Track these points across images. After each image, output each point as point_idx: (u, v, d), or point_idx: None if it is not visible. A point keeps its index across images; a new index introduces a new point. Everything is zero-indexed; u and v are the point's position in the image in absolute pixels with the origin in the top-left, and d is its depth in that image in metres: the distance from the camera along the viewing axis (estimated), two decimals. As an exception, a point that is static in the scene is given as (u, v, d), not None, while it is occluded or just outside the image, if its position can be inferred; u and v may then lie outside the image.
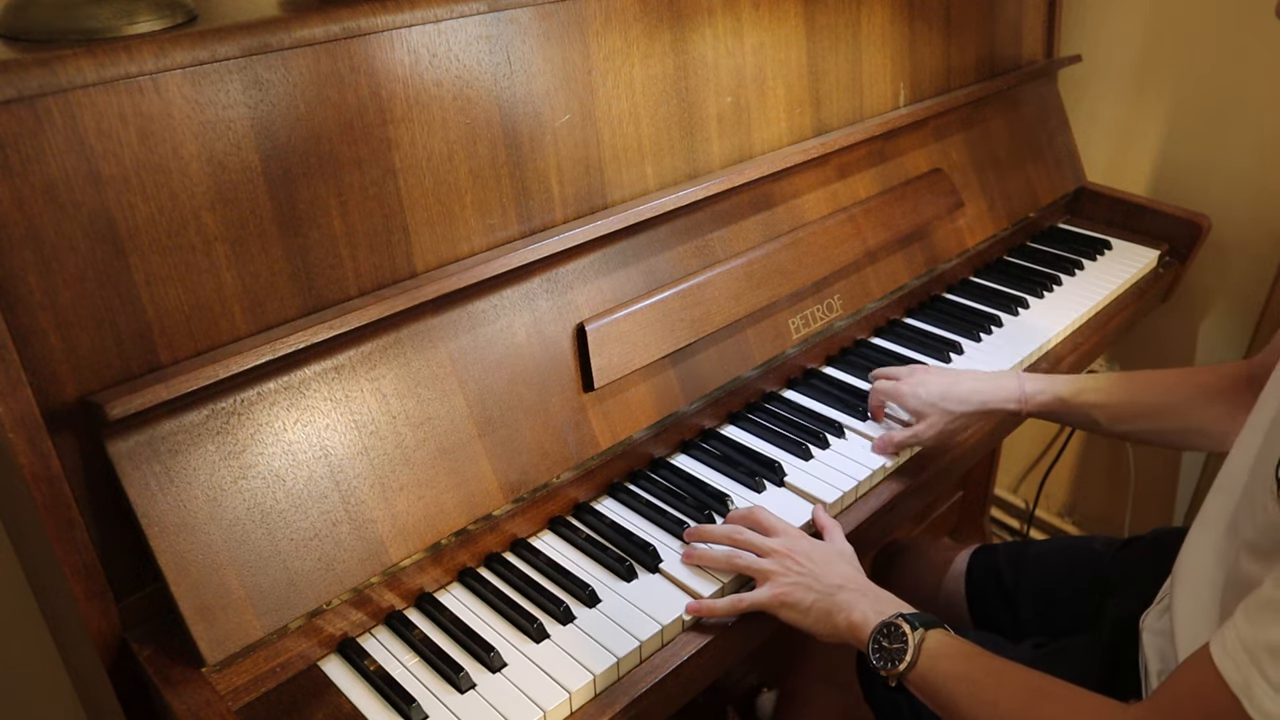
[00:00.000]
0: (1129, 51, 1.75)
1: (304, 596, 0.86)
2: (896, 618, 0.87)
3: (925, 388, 1.15)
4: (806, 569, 0.95)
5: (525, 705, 0.85)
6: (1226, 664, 0.63)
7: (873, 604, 0.91)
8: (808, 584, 0.94)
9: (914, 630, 0.85)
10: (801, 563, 0.96)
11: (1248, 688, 0.62)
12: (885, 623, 0.88)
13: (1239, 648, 0.63)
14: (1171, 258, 1.68)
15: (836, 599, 0.92)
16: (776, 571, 0.95)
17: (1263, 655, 0.61)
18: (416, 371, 0.95)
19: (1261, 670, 0.61)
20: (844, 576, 0.95)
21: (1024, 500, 2.22)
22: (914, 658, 0.85)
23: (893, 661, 0.86)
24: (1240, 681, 0.62)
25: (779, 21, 1.25)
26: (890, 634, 0.87)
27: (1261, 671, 0.61)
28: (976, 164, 1.57)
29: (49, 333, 0.77)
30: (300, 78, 0.85)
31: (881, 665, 0.87)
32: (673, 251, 1.16)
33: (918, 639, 0.85)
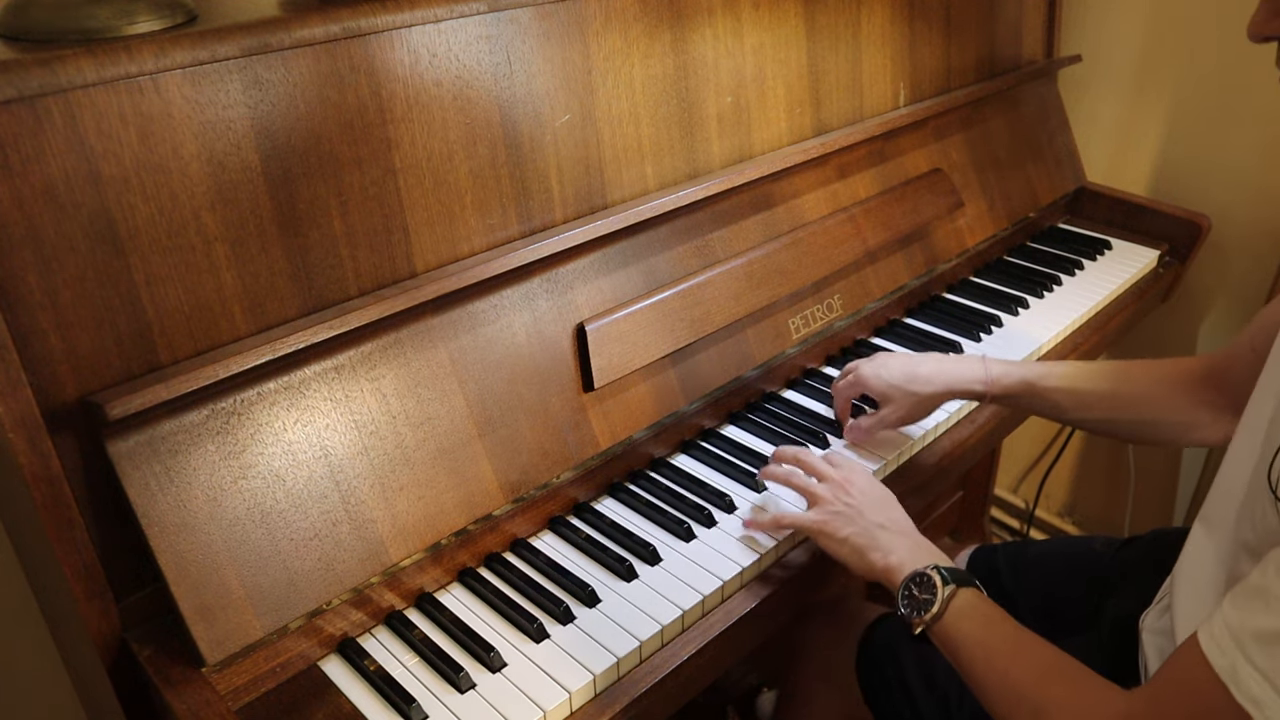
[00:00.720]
0: (1129, 51, 1.75)
1: (304, 596, 0.86)
2: (931, 569, 0.88)
3: (887, 370, 1.14)
4: (855, 501, 0.97)
5: (525, 705, 0.85)
6: (1213, 651, 0.64)
7: (910, 550, 0.92)
8: (851, 516, 0.96)
9: (945, 585, 0.86)
10: (853, 494, 0.98)
11: (1234, 673, 0.62)
12: (918, 572, 0.88)
13: (1225, 634, 0.64)
14: (1171, 258, 1.68)
15: (876, 537, 0.93)
16: (825, 498, 0.98)
17: (1248, 641, 0.62)
18: (416, 371, 0.95)
19: (1247, 655, 0.62)
20: (890, 518, 0.96)
21: (1024, 500, 2.22)
22: (940, 610, 0.85)
23: (919, 611, 0.87)
24: (1227, 667, 0.63)
25: (779, 21, 1.25)
26: (922, 584, 0.88)
27: (1247, 657, 0.62)
28: (976, 164, 1.57)
29: (49, 333, 0.77)
30: (300, 78, 0.85)
31: (909, 613, 0.88)
32: (673, 251, 1.16)
33: (947, 593, 0.85)
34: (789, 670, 1.25)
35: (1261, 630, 0.62)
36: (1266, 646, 0.61)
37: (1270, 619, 0.62)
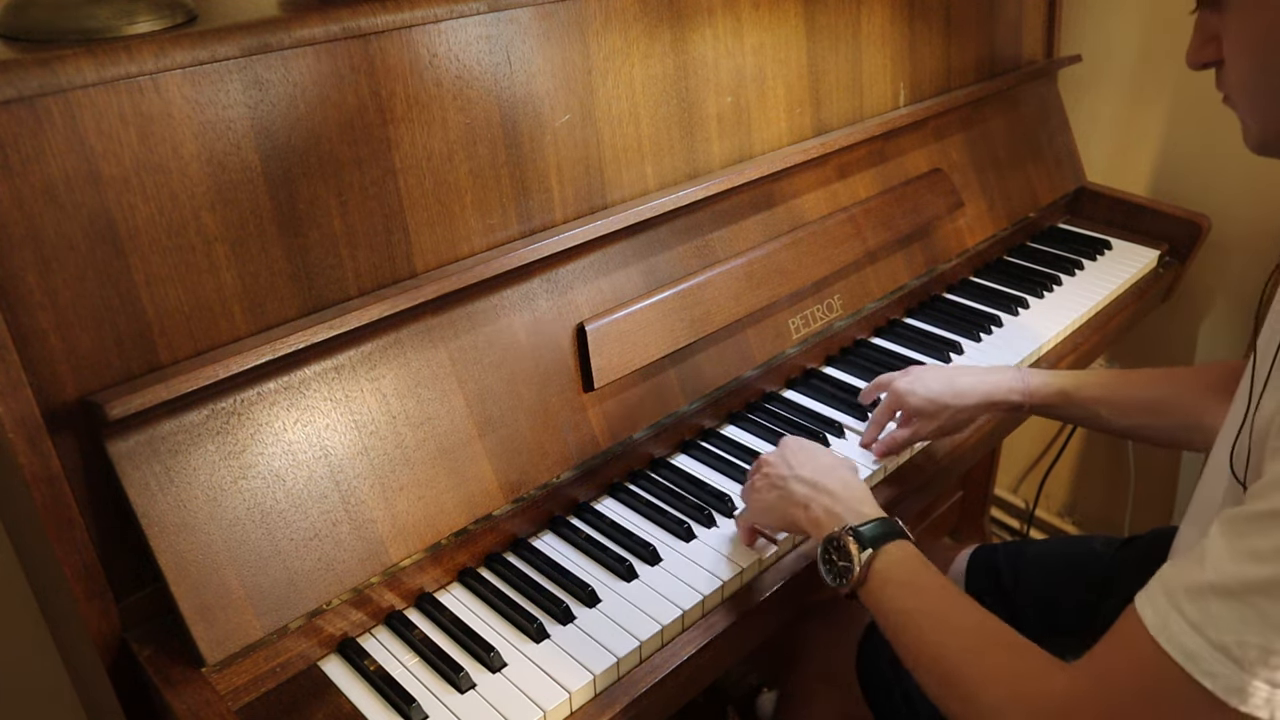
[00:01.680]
0: (1129, 51, 1.75)
1: (304, 596, 0.86)
2: (844, 532, 0.84)
3: (924, 384, 1.13)
4: (774, 468, 0.97)
5: (525, 705, 0.85)
6: (1147, 610, 0.65)
7: (827, 504, 0.89)
8: (772, 483, 0.95)
9: (861, 550, 0.83)
10: (773, 461, 0.98)
11: (1165, 627, 0.63)
12: (831, 535, 0.85)
13: (1159, 592, 0.65)
14: (1171, 258, 1.68)
15: (793, 492, 0.92)
16: (753, 479, 0.99)
17: (1180, 594, 0.63)
18: (416, 371, 0.95)
19: (1179, 609, 0.62)
20: (814, 470, 0.93)
21: (1024, 500, 2.22)
22: (860, 577, 0.82)
23: (840, 578, 0.84)
24: (1158, 623, 0.63)
25: (779, 21, 1.25)
26: (837, 548, 0.84)
27: (1179, 610, 0.62)
28: (976, 164, 1.57)
29: (49, 333, 0.77)
30: (300, 78, 0.85)
31: (831, 580, 0.85)
32: (673, 251, 1.16)
33: (865, 559, 0.82)
34: (789, 670, 1.24)
35: (1193, 584, 0.62)
36: (1197, 599, 0.62)
37: (1202, 573, 0.62)
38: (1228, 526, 0.64)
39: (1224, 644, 0.60)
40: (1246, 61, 0.74)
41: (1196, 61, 0.78)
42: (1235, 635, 0.60)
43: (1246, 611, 0.60)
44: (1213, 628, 0.61)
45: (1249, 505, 0.63)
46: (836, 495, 0.90)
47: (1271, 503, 0.61)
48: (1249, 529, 0.62)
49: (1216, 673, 0.60)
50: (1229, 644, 0.60)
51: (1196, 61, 0.78)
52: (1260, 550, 0.60)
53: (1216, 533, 0.64)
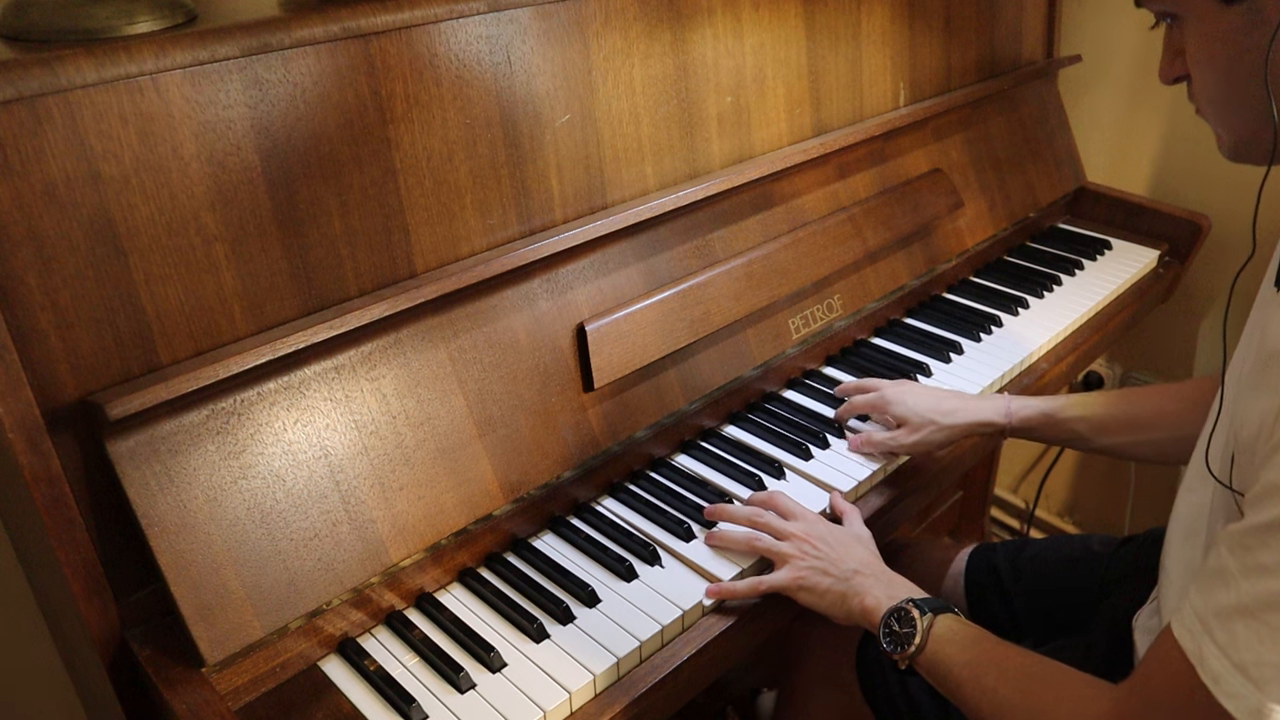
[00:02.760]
0: (1129, 51, 1.75)
1: (304, 596, 0.86)
2: (907, 603, 0.89)
3: (913, 397, 1.15)
4: (824, 553, 0.97)
5: (525, 705, 0.85)
6: (1183, 635, 0.66)
7: (886, 589, 0.93)
8: (824, 568, 0.96)
9: (923, 615, 0.87)
10: (819, 547, 0.98)
11: (1200, 654, 0.64)
12: (896, 607, 0.90)
13: (1193, 618, 0.66)
14: (1171, 258, 1.68)
15: (852, 583, 0.94)
16: (794, 555, 0.98)
17: (1211, 621, 0.64)
18: (416, 371, 0.95)
19: (1211, 635, 0.64)
20: (860, 561, 0.97)
21: (1024, 500, 2.22)
22: (922, 642, 0.87)
23: (902, 645, 0.88)
24: (1194, 649, 0.65)
25: (779, 21, 1.25)
26: (901, 618, 0.89)
27: (1211, 637, 0.64)
28: (976, 164, 1.57)
29: (49, 333, 0.77)
30: (300, 78, 0.85)
31: (891, 649, 0.89)
32: (673, 251, 1.16)
33: (926, 624, 0.87)
34: (789, 670, 1.25)
35: (1221, 607, 0.64)
36: (1225, 622, 0.63)
37: (1228, 595, 0.64)
38: (1234, 543, 0.65)
39: (1243, 664, 0.62)
40: (1208, 73, 0.76)
41: (1167, 77, 0.80)
42: (1254, 655, 0.61)
43: (1262, 629, 0.61)
44: (1235, 649, 0.62)
45: (1249, 518, 0.64)
46: (890, 582, 0.94)
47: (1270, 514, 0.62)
48: (1253, 543, 0.63)
49: (1237, 694, 0.62)
50: (1247, 664, 0.61)
51: (1167, 77, 0.80)
52: (1267, 564, 0.61)
53: (1226, 552, 0.65)
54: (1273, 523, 0.61)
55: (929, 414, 1.13)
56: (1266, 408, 0.67)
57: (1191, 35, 0.76)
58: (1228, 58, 0.73)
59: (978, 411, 1.14)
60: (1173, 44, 0.80)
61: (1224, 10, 0.71)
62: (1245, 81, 0.73)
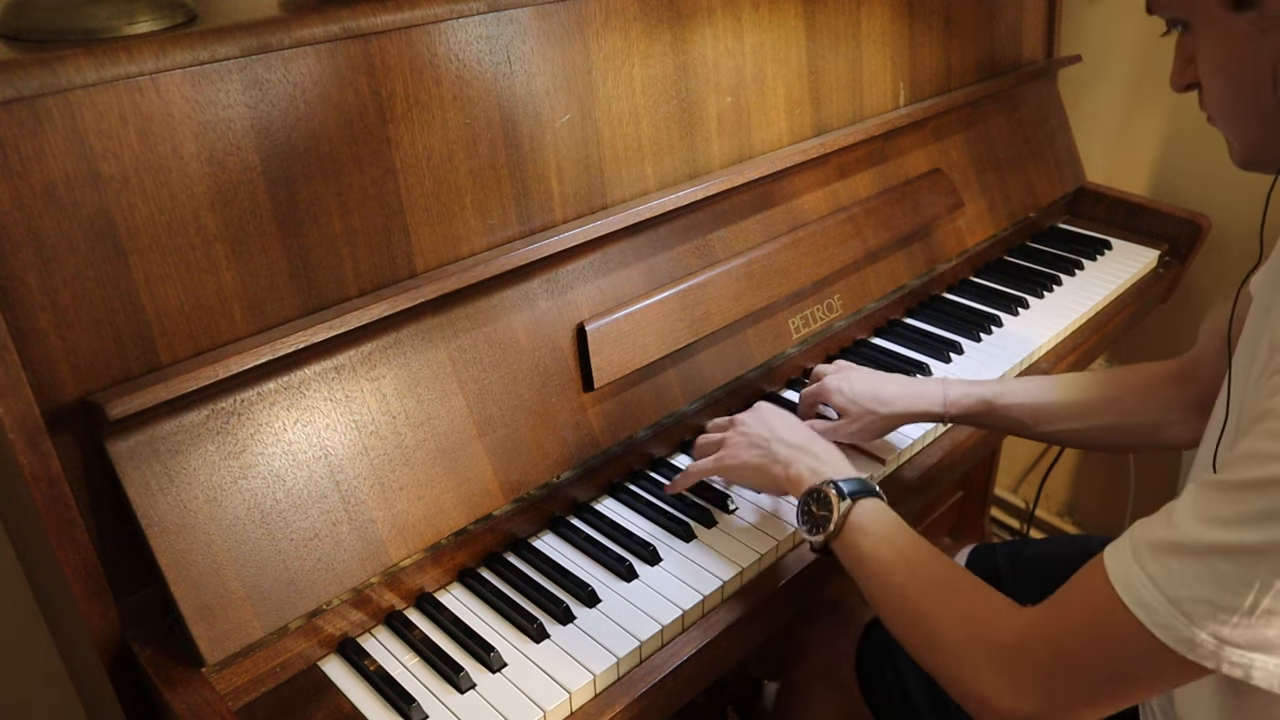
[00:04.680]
0: (1129, 51, 1.75)
1: (304, 596, 0.86)
2: (826, 484, 0.88)
3: (850, 385, 1.13)
4: (752, 429, 1.00)
5: (525, 705, 0.85)
6: (1112, 561, 0.68)
7: (811, 462, 0.93)
8: (753, 440, 0.99)
9: (841, 499, 0.87)
10: (749, 423, 1.01)
11: (1126, 578, 0.66)
12: (814, 488, 0.89)
13: (1125, 546, 0.68)
14: (1171, 258, 1.68)
15: (776, 453, 0.95)
16: (727, 437, 1.01)
17: (1144, 549, 0.66)
18: (416, 371, 0.95)
19: (1141, 563, 0.66)
20: (790, 435, 0.97)
21: (1024, 500, 2.22)
22: (836, 528, 0.86)
23: (817, 527, 0.88)
24: (1121, 574, 0.67)
25: (779, 21, 1.25)
26: (819, 500, 0.89)
27: (1140, 564, 0.66)
28: (976, 164, 1.57)
29: (49, 333, 0.77)
30: (300, 78, 0.85)
31: (808, 530, 0.89)
32: (673, 251, 1.16)
33: (844, 509, 0.87)
34: (788, 667, 1.25)
35: (1157, 540, 0.66)
36: (1159, 555, 0.65)
37: (1168, 532, 0.66)
38: (1198, 492, 0.66)
39: (1177, 598, 0.64)
40: (1219, 82, 0.76)
41: (1179, 84, 0.80)
42: (1189, 591, 0.63)
43: (1202, 570, 0.63)
44: (1169, 583, 0.64)
45: (1220, 474, 0.65)
46: (819, 456, 0.94)
47: (1244, 474, 0.63)
48: (1218, 495, 0.65)
49: (1168, 624, 0.64)
50: (1182, 598, 0.63)
51: (1179, 84, 0.80)
52: (1226, 516, 0.63)
53: (1187, 496, 0.67)
54: (1243, 482, 0.63)
55: (866, 402, 1.12)
56: None
57: (1202, 43, 0.75)
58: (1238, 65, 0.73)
59: (914, 401, 1.13)
60: (1184, 51, 0.79)
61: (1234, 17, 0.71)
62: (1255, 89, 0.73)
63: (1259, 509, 0.61)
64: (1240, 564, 0.62)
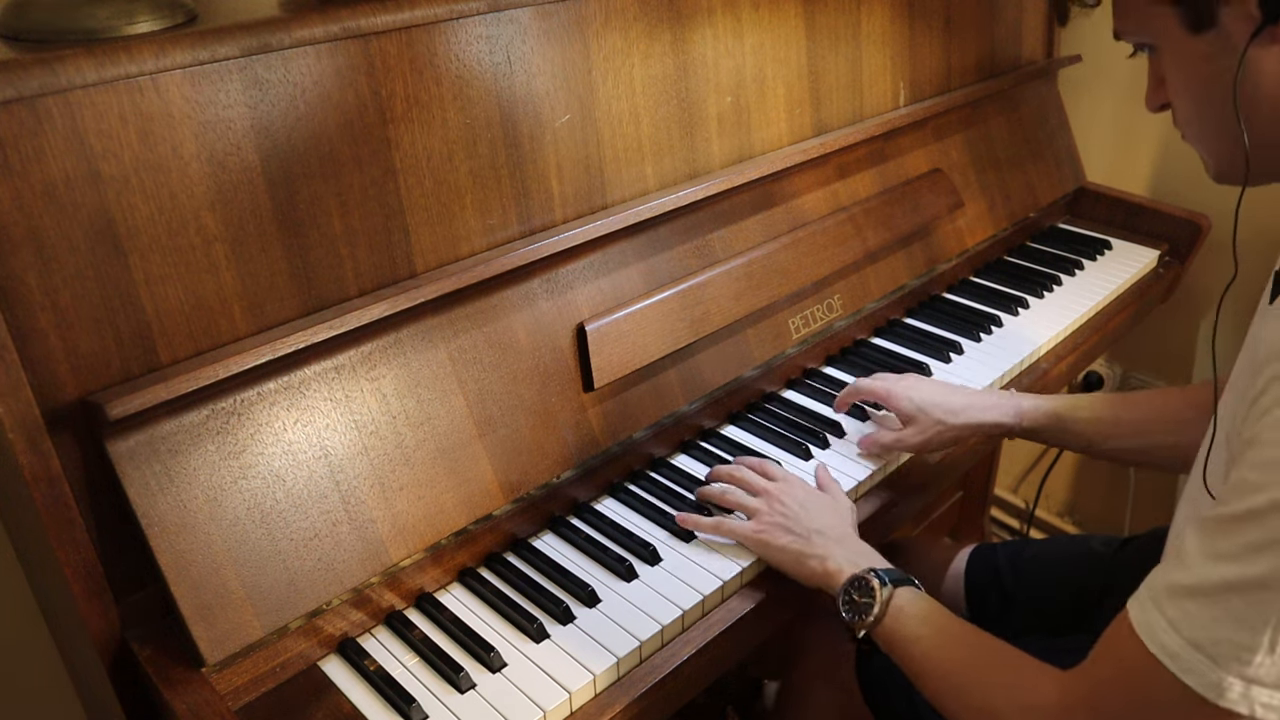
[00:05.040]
0: (1129, 51, 1.74)
1: (304, 596, 0.86)
2: (868, 572, 0.89)
3: (919, 393, 1.12)
4: (791, 511, 0.99)
5: (525, 705, 0.85)
6: (1135, 611, 0.68)
7: (848, 554, 0.93)
8: (787, 525, 0.97)
9: (883, 586, 0.88)
10: (788, 504, 1.00)
11: (1149, 627, 0.66)
12: (856, 576, 0.90)
13: (1146, 594, 0.68)
14: (1171, 258, 1.68)
15: (813, 543, 0.95)
16: (762, 510, 1.00)
17: (1163, 595, 0.66)
18: (416, 371, 0.95)
19: (1161, 609, 0.66)
20: (827, 525, 0.97)
21: (1024, 500, 2.22)
22: (880, 613, 0.87)
23: (860, 615, 0.88)
24: (1144, 624, 0.66)
25: (779, 21, 1.25)
26: (860, 588, 0.89)
27: (1161, 610, 0.66)
28: (976, 164, 1.57)
29: (49, 333, 0.77)
30: (300, 78, 0.85)
31: (850, 618, 0.89)
32: (673, 251, 1.16)
33: (886, 595, 0.87)
34: (789, 667, 1.25)
35: (1173, 585, 0.66)
36: (1176, 600, 0.65)
37: (1181, 574, 0.65)
38: (1200, 529, 0.66)
39: (1199, 642, 0.63)
40: (1186, 101, 0.78)
41: (1153, 105, 0.82)
42: (1209, 633, 0.63)
43: (1218, 610, 0.63)
44: (1189, 627, 0.64)
45: (1218, 508, 0.65)
46: (854, 550, 0.95)
47: (1237, 505, 0.63)
48: (1217, 531, 0.64)
49: (1194, 669, 0.63)
50: (1203, 642, 0.63)
51: (1153, 105, 0.82)
52: (1228, 551, 0.63)
53: (1191, 535, 0.67)
54: (1237, 515, 0.63)
55: (936, 413, 1.11)
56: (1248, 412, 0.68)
57: (1168, 64, 0.77)
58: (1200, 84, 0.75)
59: (986, 412, 1.12)
60: (1155, 72, 0.81)
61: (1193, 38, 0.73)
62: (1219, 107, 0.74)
63: (1256, 540, 0.61)
64: (1251, 600, 0.61)
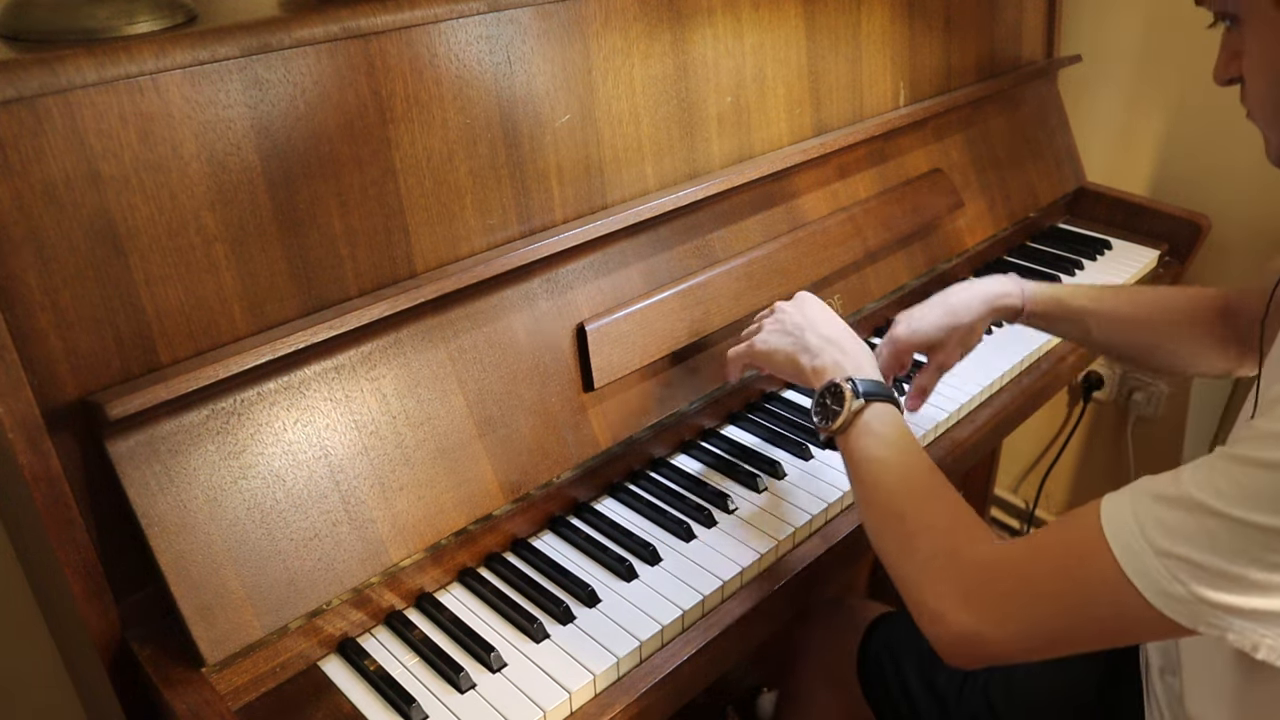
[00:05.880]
0: (1129, 51, 1.75)
1: (304, 596, 0.86)
2: (845, 380, 0.89)
3: (922, 320, 1.12)
4: (792, 319, 1.00)
5: (525, 705, 0.85)
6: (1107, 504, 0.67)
7: (837, 357, 0.93)
8: (786, 330, 0.99)
9: (855, 397, 0.87)
10: (790, 313, 1.01)
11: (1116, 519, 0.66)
12: (833, 382, 0.90)
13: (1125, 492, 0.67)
14: (1171, 258, 1.68)
15: (805, 341, 0.96)
16: (765, 322, 1.02)
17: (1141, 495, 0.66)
18: (416, 371, 0.95)
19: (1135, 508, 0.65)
20: (829, 329, 0.97)
21: (1024, 500, 2.22)
22: (845, 423, 0.87)
23: (827, 420, 0.89)
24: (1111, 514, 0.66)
25: (779, 21, 1.25)
26: (834, 393, 0.89)
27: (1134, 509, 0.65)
28: (976, 164, 1.57)
29: (49, 333, 0.77)
30: (300, 78, 0.85)
31: (819, 420, 0.90)
32: (673, 251, 1.16)
33: (855, 406, 0.87)
34: (789, 670, 1.25)
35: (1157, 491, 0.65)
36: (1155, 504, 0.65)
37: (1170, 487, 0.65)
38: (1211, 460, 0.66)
39: (1163, 550, 0.63)
40: (1264, 79, 0.75)
41: (1223, 77, 0.80)
42: (1179, 547, 0.63)
43: (1195, 528, 0.62)
44: (1160, 533, 0.63)
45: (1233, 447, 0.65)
46: (846, 352, 0.94)
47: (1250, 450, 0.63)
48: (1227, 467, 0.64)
49: (1148, 573, 0.63)
50: (1168, 551, 0.63)
51: (1223, 77, 0.80)
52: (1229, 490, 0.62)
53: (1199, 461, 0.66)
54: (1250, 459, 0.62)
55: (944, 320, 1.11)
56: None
57: (1251, 39, 0.74)
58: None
59: (988, 289, 1.13)
60: (1230, 45, 0.78)
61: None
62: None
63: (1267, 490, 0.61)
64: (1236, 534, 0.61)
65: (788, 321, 1.00)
